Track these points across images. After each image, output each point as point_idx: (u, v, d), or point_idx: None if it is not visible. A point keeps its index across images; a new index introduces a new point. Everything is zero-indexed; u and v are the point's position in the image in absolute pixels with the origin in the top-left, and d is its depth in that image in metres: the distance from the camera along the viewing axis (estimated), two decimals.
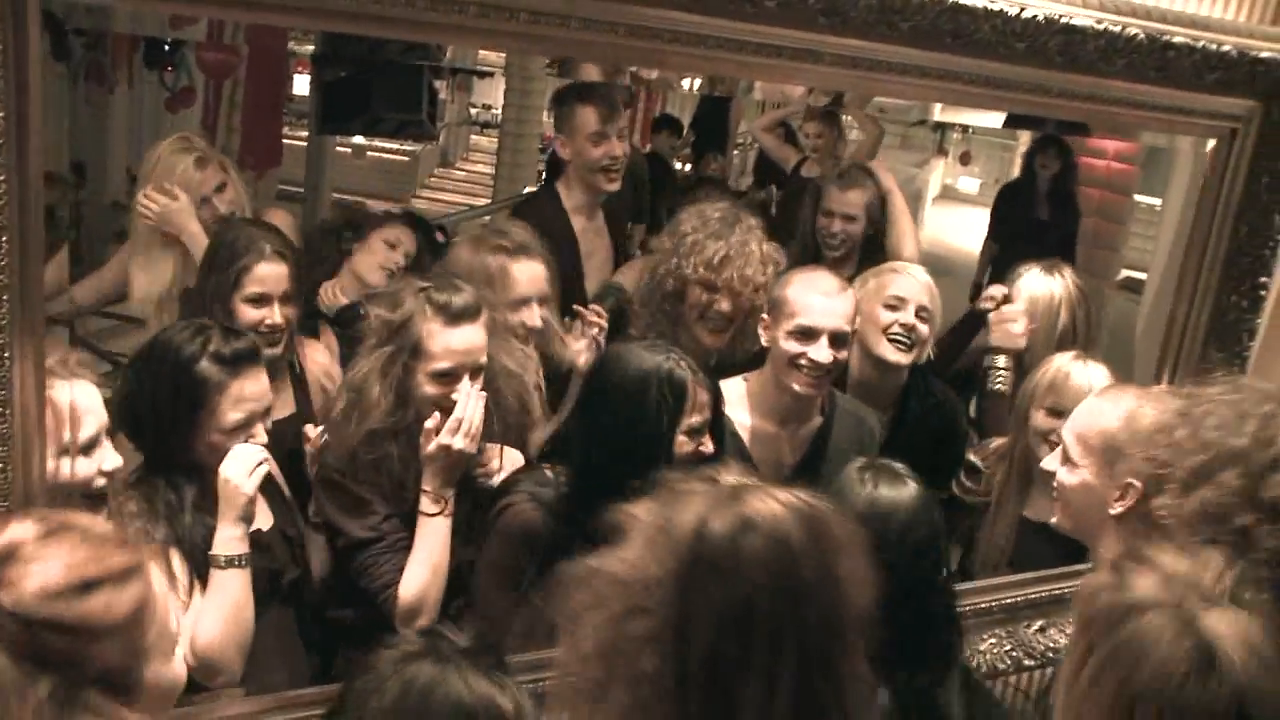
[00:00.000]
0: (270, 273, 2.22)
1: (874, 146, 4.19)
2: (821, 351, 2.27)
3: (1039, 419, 2.48)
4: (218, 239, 2.32)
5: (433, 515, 2.00)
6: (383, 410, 1.99)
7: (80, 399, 1.61)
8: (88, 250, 2.75)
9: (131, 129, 2.76)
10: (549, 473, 2.05)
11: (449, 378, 2.00)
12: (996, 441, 2.71)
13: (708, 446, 2.03)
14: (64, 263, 2.47)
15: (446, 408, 1.99)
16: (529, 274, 2.38)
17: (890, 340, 2.56)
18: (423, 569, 1.99)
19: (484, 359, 2.06)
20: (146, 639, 1.22)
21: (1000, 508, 2.60)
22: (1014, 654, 2.55)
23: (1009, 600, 2.55)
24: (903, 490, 1.80)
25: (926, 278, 2.67)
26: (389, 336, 2.01)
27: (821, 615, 1.22)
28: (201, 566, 1.83)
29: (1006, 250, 2.70)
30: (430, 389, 2.00)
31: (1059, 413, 2.36)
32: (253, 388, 1.90)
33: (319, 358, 2.45)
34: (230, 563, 1.81)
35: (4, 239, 1.41)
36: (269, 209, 2.78)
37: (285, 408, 2.28)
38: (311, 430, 2.15)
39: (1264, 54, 2.35)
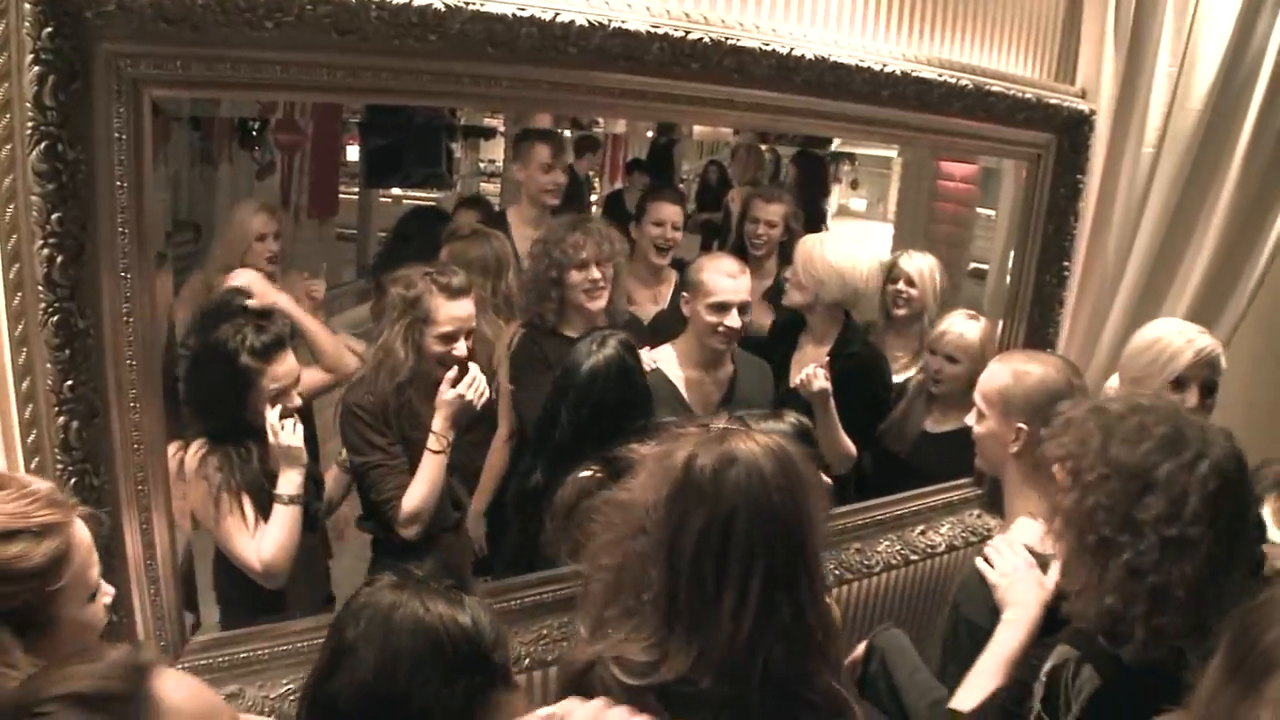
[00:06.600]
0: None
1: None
2: (734, 319, 2.26)
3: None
4: None
5: (436, 452, 2.00)
6: (408, 366, 2.01)
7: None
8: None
9: (233, 194, 2.76)
10: None
11: (451, 338, 2.03)
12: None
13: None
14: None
15: (448, 362, 2.01)
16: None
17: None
18: (422, 487, 1.99)
19: (474, 324, 2.08)
20: (60, 586, 1.10)
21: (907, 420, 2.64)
22: (903, 552, 2.54)
23: (899, 512, 2.55)
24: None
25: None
26: (405, 310, 2.02)
27: (786, 537, 1.15)
28: (264, 504, 1.84)
29: None
30: (438, 347, 2.03)
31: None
32: (283, 368, 1.89)
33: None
34: (291, 500, 1.84)
35: (129, 276, 1.42)
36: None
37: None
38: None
39: (1053, 100, 2.40)
